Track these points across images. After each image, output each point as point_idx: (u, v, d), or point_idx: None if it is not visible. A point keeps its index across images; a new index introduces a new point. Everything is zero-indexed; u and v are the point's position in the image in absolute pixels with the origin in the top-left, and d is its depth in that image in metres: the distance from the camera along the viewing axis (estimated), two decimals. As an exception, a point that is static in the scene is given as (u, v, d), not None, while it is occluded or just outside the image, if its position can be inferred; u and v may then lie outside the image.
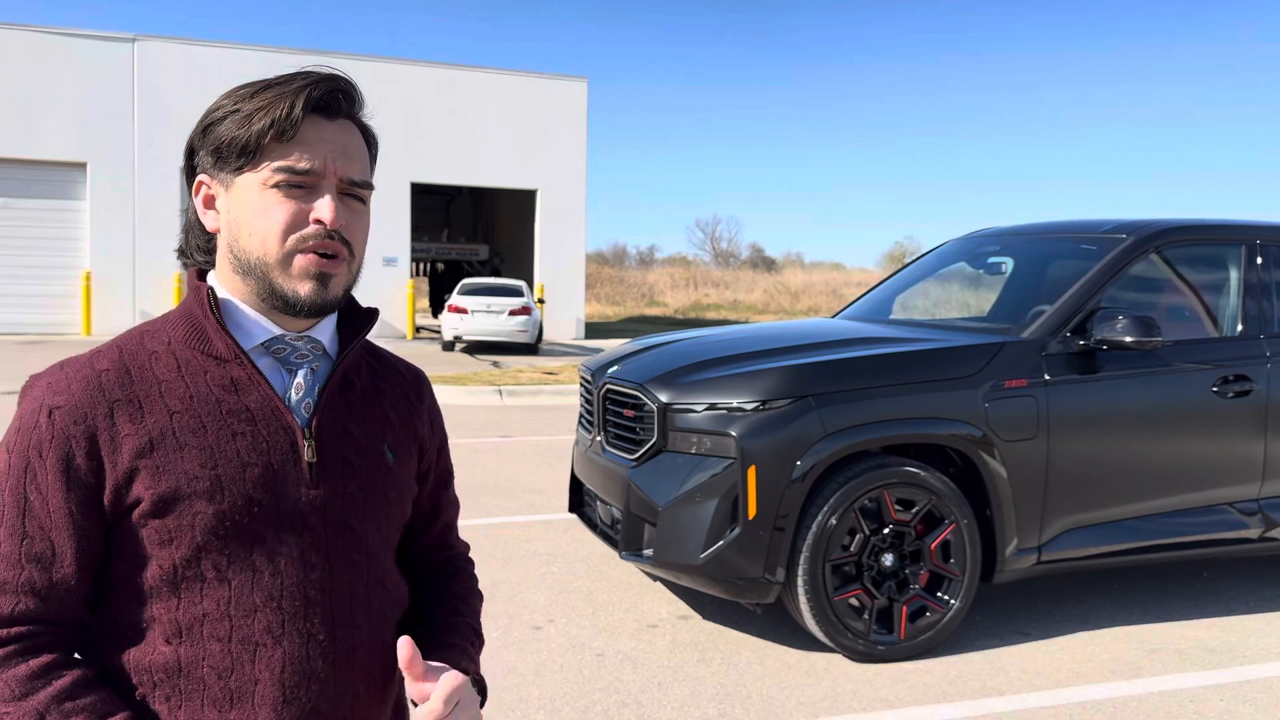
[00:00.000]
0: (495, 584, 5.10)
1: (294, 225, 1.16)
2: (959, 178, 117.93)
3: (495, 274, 31.01)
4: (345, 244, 1.19)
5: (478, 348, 20.35)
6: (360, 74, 21.09)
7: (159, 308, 21.36)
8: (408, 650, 1.14)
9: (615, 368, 4.86)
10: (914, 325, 5.35)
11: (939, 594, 4.26)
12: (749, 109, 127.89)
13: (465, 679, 1.19)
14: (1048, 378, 4.43)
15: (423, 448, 1.36)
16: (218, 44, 22.35)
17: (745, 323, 15.35)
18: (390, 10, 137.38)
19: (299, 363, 1.23)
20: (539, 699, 3.77)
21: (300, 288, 1.17)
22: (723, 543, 4.06)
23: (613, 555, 5.61)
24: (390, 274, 23.43)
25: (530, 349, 19.89)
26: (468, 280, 20.71)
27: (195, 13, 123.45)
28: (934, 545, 4.21)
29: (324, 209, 1.16)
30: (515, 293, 19.75)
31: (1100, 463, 4.48)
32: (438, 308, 33.76)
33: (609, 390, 4.80)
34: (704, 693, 3.86)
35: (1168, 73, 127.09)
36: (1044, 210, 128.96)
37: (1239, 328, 4.93)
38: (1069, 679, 4.05)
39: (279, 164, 1.15)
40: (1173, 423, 4.62)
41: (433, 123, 23.76)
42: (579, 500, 5.30)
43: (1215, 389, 4.72)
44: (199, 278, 1.23)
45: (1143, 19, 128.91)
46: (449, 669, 1.19)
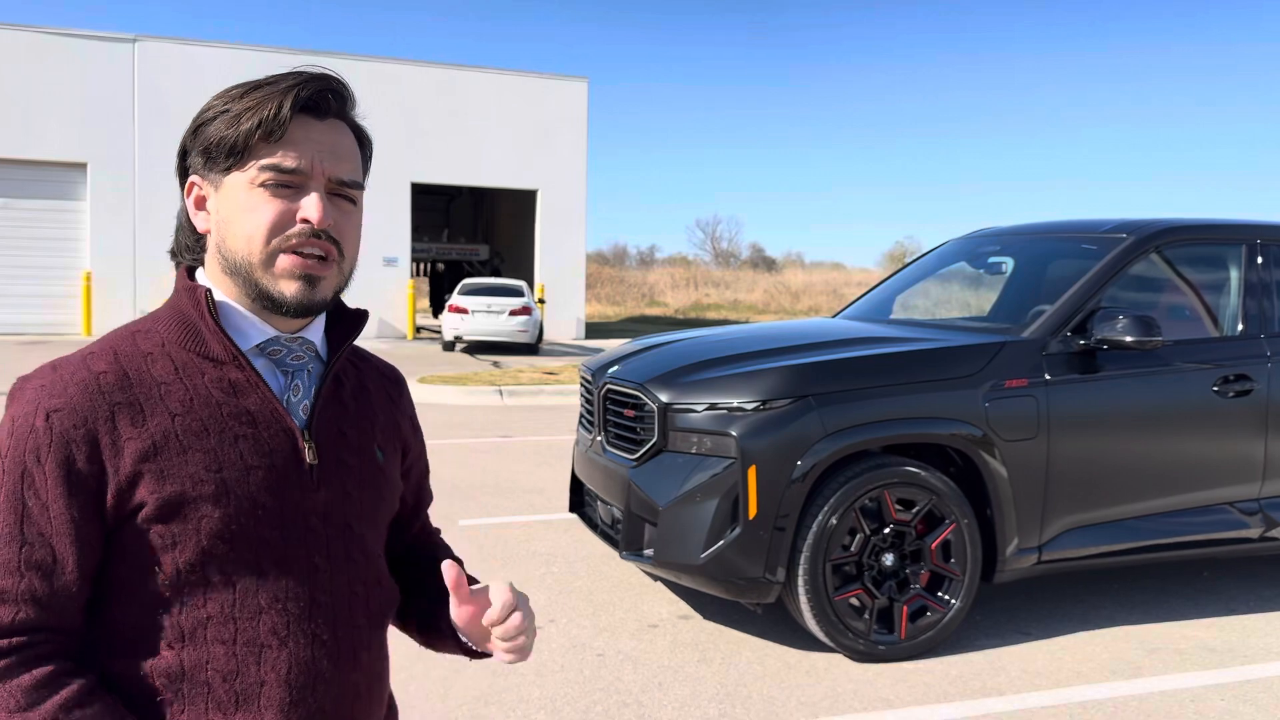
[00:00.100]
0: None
1: (280, 225, 1.14)
2: (959, 178, 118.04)
3: (495, 274, 31.01)
4: (334, 243, 1.17)
5: (478, 348, 20.35)
6: (360, 74, 21.26)
7: (159, 308, 21.35)
8: (454, 571, 1.20)
9: (616, 368, 4.86)
10: (914, 325, 5.35)
11: (939, 594, 4.26)
12: (749, 109, 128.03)
13: (509, 583, 1.25)
14: (1048, 377, 4.43)
15: (406, 445, 1.38)
16: (218, 44, 22.36)
17: (745, 323, 15.35)
18: (390, 10, 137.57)
19: (295, 364, 1.22)
20: (539, 699, 3.77)
21: (286, 288, 1.16)
22: (723, 542, 4.06)
23: (613, 555, 5.61)
24: (390, 274, 23.43)
25: (530, 349, 19.90)
26: (468, 280, 20.72)
27: (195, 13, 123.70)
28: (934, 545, 4.21)
29: (310, 207, 1.15)
30: (516, 293, 19.76)
31: (1101, 462, 4.48)
32: (438, 308, 33.79)
33: (609, 390, 4.80)
34: (704, 693, 3.86)
35: (1168, 73, 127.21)
36: (1044, 210, 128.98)
37: (1239, 327, 4.93)
38: (1069, 679, 4.05)
39: (266, 163, 1.14)
40: (1173, 422, 4.62)
41: (433, 123, 23.77)
42: (579, 500, 5.30)
43: (1216, 388, 4.72)
44: (188, 276, 1.22)
45: (1143, 19, 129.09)
46: (492, 583, 1.25)
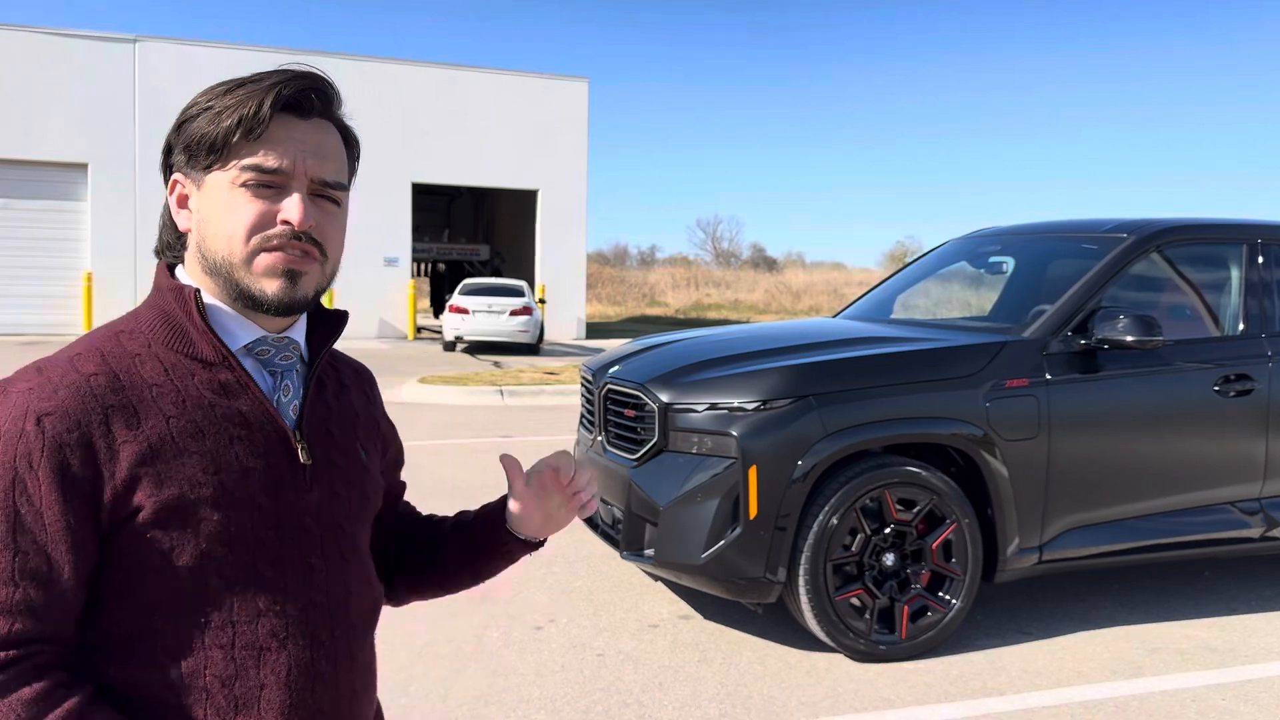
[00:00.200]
0: (496, 584, 5.10)
1: (260, 225, 1.12)
2: (959, 178, 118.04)
3: (496, 274, 31.01)
4: (316, 244, 1.16)
5: (479, 348, 20.35)
6: (360, 74, 21.27)
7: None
8: (512, 459, 1.34)
9: (616, 368, 4.86)
10: (915, 325, 5.35)
11: (940, 593, 4.26)
12: (749, 109, 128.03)
13: (559, 450, 1.35)
14: (1049, 377, 4.42)
15: (385, 442, 1.39)
16: (218, 44, 22.36)
17: (746, 322, 15.35)
18: (390, 10, 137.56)
19: (283, 364, 1.21)
20: (540, 699, 3.77)
21: (267, 286, 1.14)
22: (724, 542, 4.06)
23: (614, 555, 5.61)
24: (391, 274, 23.43)
25: (531, 349, 19.90)
26: (469, 280, 20.73)
27: (195, 13, 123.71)
28: (935, 545, 4.21)
29: (291, 209, 1.12)
30: (516, 293, 19.76)
31: (1101, 462, 4.47)
32: (439, 308, 33.77)
33: (610, 390, 4.80)
34: (705, 693, 3.85)
35: (1168, 73, 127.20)
36: (1044, 210, 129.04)
37: (1240, 327, 4.92)
38: (1070, 678, 4.05)
39: (247, 162, 1.12)
40: (1174, 422, 4.62)
41: (433, 123, 23.76)
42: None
43: (1216, 388, 4.72)
44: (169, 274, 1.19)
45: (1143, 19, 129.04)
46: (533, 466, 1.36)
